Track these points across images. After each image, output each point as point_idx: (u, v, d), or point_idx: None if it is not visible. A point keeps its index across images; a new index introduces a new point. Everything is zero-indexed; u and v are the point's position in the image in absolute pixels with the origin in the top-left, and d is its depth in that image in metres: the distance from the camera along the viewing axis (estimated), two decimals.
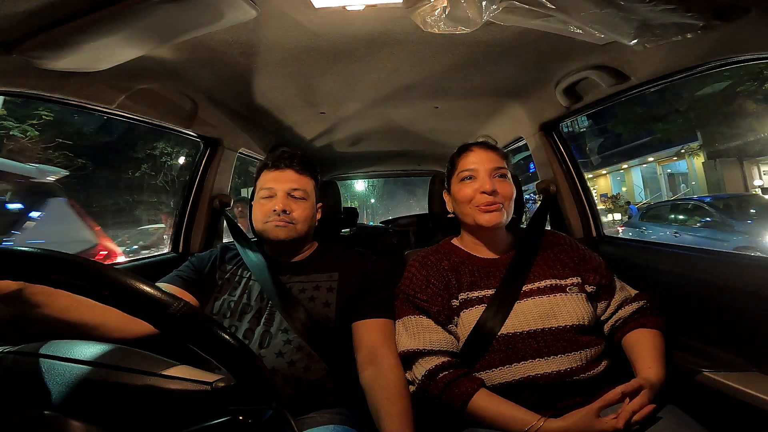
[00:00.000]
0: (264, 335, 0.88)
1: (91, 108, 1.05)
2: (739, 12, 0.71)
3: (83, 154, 8.99)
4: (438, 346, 0.81)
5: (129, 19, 0.73)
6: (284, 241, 0.96)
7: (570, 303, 0.83)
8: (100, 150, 9.55)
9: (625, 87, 1.12)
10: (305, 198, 0.99)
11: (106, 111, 1.09)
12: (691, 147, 12.17)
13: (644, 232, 7.73)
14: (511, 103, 1.54)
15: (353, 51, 1.07)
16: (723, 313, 0.88)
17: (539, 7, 0.69)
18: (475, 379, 0.78)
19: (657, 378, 0.73)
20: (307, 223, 0.98)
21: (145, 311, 0.41)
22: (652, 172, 14.93)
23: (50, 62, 0.79)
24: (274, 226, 0.94)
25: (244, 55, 1.05)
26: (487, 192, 0.87)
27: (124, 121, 1.20)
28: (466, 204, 0.90)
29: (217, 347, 0.43)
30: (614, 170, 15.78)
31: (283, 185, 0.97)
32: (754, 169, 10.99)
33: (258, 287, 0.94)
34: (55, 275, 0.39)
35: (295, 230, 0.96)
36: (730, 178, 10.80)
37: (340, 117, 1.72)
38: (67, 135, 8.57)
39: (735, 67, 0.86)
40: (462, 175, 0.92)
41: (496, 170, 0.90)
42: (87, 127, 9.36)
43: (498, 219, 0.87)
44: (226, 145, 1.58)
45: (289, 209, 0.95)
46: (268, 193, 0.97)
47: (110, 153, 10.04)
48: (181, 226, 1.52)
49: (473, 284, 0.87)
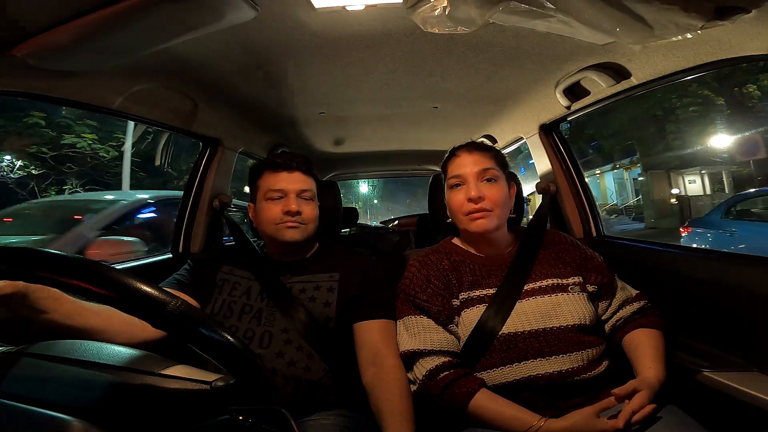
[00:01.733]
0: (264, 335, 0.87)
1: (91, 108, 1.05)
2: (739, 12, 0.71)
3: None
4: (439, 346, 0.81)
5: (129, 19, 0.73)
6: (298, 242, 0.96)
7: (572, 302, 0.83)
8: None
9: (625, 87, 1.12)
10: (312, 199, 1.00)
11: (107, 111, 1.09)
12: (624, 163, 15.33)
13: (734, 236, 4.79)
14: (511, 103, 1.54)
15: (353, 51, 1.07)
16: (723, 313, 0.88)
17: (539, 8, 0.69)
18: (476, 379, 0.78)
19: (656, 378, 0.73)
20: (315, 223, 0.99)
21: (142, 310, 0.41)
22: (620, 177, 17.12)
23: (50, 62, 0.79)
24: (287, 227, 0.94)
25: (244, 55, 1.05)
26: (473, 200, 0.86)
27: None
28: (458, 211, 0.90)
29: (215, 346, 0.43)
30: (591, 174, 17.99)
31: (293, 186, 0.97)
32: (679, 178, 12.98)
33: (258, 287, 0.94)
34: (52, 274, 0.39)
35: (306, 231, 0.97)
36: (658, 187, 12.52)
37: (340, 117, 1.72)
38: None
39: (735, 66, 0.86)
40: (451, 182, 0.92)
41: (483, 173, 0.88)
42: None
43: (486, 226, 0.86)
44: (226, 146, 1.58)
45: (301, 209, 0.96)
46: (278, 194, 0.97)
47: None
48: (181, 227, 1.52)
49: (474, 283, 0.87)
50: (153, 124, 1.28)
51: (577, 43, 0.82)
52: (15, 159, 8.48)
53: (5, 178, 8.37)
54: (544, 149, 1.56)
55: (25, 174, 8.58)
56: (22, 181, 8.57)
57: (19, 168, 8.51)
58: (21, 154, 8.51)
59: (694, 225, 5.73)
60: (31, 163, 8.53)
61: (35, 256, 0.40)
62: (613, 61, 1.06)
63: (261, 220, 0.99)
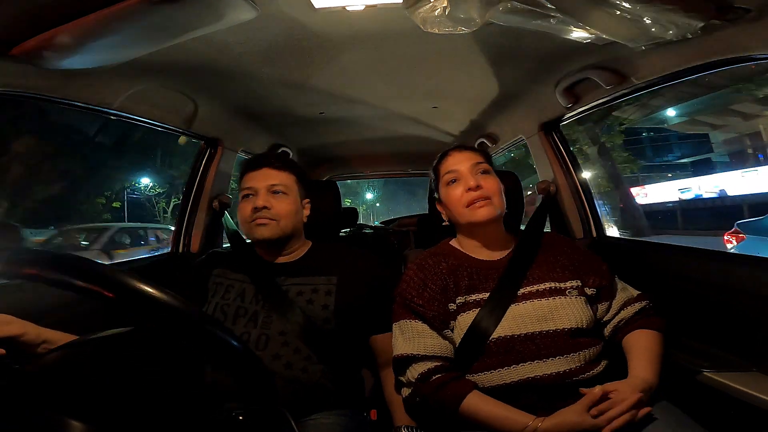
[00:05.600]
0: (260, 338, 0.87)
1: (91, 109, 1.05)
2: (739, 12, 0.71)
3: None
4: (432, 352, 0.81)
5: (129, 19, 0.73)
6: (269, 239, 0.95)
7: (569, 306, 0.82)
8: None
9: (624, 87, 1.12)
10: (286, 193, 0.97)
11: (107, 111, 1.09)
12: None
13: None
14: (511, 103, 1.54)
15: (353, 51, 1.07)
16: (723, 313, 0.88)
17: (539, 8, 0.69)
18: (468, 381, 0.79)
19: (643, 378, 0.73)
20: (290, 218, 0.97)
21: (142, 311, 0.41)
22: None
23: (50, 63, 0.79)
24: (257, 224, 0.94)
25: (244, 55, 1.05)
26: (473, 188, 0.87)
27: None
28: (457, 205, 0.90)
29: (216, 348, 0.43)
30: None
31: (262, 182, 0.96)
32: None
33: (253, 290, 0.93)
34: (90, 284, 0.39)
35: (278, 227, 0.95)
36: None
37: (340, 117, 1.72)
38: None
39: (736, 67, 0.86)
40: (446, 179, 0.92)
41: (476, 166, 0.90)
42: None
43: (491, 213, 0.87)
44: (226, 146, 1.58)
45: (269, 205, 0.94)
46: (248, 192, 0.96)
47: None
48: (181, 227, 1.52)
49: (471, 287, 0.87)
50: (153, 124, 1.28)
51: (577, 43, 0.82)
52: (151, 182, 12.10)
53: (141, 195, 12.09)
54: (544, 149, 1.56)
55: (155, 193, 12.14)
56: (151, 197, 12.26)
57: (151, 188, 12.19)
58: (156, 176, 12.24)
59: (748, 230, 4.12)
60: (160, 184, 12.15)
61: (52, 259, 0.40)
62: (613, 61, 1.06)
63: (239, 221, 1.00)
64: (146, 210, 12.17)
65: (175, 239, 1.52)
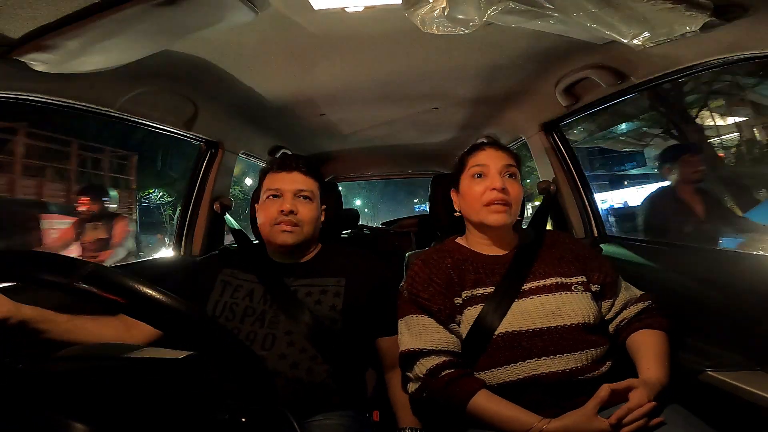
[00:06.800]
0: (267, 337, 0.87)
1: (91, 111, 1.05)
2: (739, 12, 0.71)
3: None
4: (439, 346, 0.81)
5: (129, 21, 0.73)
6: (290, 246, 0.96)
7: (576, 301, 0.82)
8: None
9: (624, 87, 1.12)
10: (311, 199, 0.98)
11: (107, 114, 1.09)
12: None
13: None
14: (511, 103, 1.54)
15: (353, 52, 1.07)
16: (727, 312, 0.88)
17: (539, 8, 0.69)
18: (477, 379, 0.78)
19: (657, 379, 0.73)
20: (312, 224, 0.98)
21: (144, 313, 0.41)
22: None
23: (50, 66, 0.79)
24: (281, 231, 0.94)
25: (244, 56, 1.05)
26: (497, 188, 0.86)
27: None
28: (476, 201, 0.89)
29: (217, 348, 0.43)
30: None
31: (290, 186, 0.96)
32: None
33: (261, 290, 0.94)
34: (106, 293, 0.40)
35: (302, 233, 0.96)
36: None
37: (340, 118, 1.72)
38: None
39: (737, 65, 0.86)
40: (472, 171, 0.91)
41: (506, 168, 0.89)
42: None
43: (505, 220, 0.87)
44: (226, 148, 1.58)
45: (296, 209, 0.95)
46: (274, 193, 0.97)
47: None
48: (182, 229, 1.52)
49: (477, 281, 0.87)
50: (153, 126, 1.28)
51: (577, 42, 0.82)
52: (160, 191, 13.14)
53: (152, 204, 13.20)
54: (544, 149, 1.56)
55: (165, 201, 13.23)
56: (159, 205, 13.38)
57: (161, 197, 13.28)
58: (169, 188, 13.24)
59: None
60: (169, 194, 13.14)
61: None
62: (613, 60, 1.06)
63: (258, 221, 1.00)
64: (155, 217, 13.11)
65: (177, 241, 1.53)
